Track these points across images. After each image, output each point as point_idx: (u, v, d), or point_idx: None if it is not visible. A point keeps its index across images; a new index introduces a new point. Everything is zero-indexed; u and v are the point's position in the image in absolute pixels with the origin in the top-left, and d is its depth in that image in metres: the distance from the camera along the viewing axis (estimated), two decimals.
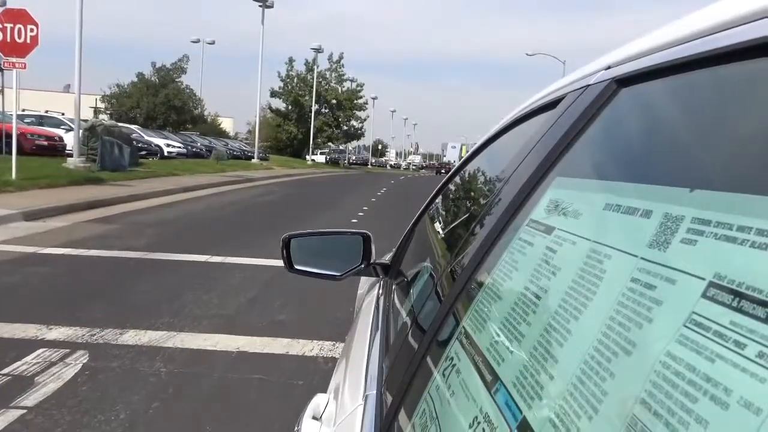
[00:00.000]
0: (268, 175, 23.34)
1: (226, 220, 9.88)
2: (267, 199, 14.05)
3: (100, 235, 7.30)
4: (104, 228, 7.90)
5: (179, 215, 9.95)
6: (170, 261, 6.09)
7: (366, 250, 1.58)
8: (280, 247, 1.58)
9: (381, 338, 1.20)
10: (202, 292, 4.94)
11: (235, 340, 3.80)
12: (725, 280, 0.33)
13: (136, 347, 3.57)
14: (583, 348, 0.43)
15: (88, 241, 6.83)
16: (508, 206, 0.73)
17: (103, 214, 9.10)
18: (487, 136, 1.38)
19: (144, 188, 12.46)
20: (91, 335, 3.72)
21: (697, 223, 0.38)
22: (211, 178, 17.47)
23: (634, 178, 0.52)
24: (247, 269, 5.88)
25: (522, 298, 0.58)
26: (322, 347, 3.78)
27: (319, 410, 1.09)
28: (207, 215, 10.35)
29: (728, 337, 0.31)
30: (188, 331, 3.93)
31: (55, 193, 10.22)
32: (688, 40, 0.50)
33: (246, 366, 3.41)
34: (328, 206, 13.14)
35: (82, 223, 8.19)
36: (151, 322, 4.03)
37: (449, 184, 1.64)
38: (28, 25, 10.67)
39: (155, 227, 8.25)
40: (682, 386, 0.32)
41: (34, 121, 20.20)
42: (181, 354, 3.53)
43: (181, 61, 39.03)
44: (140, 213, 9.71)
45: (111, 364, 3.31)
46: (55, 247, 6.41)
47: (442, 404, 0.64)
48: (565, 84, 0.84)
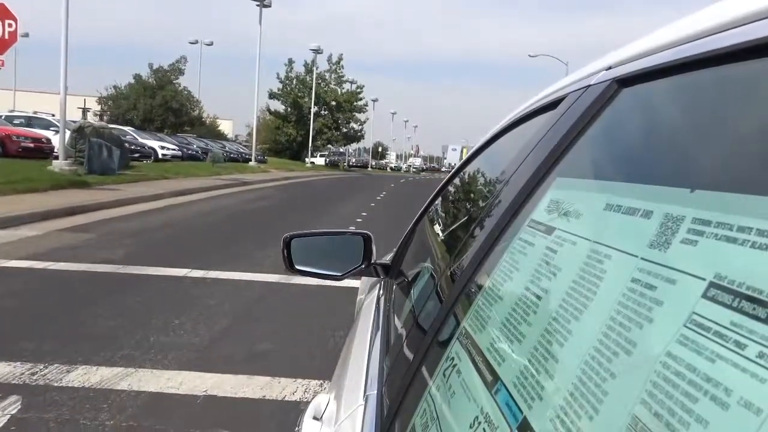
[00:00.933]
0: (264, 178, 22.63)
1: (214, 228, 9.20)
2: (260, 205, 13.18)
3: (71, 246, 6.67)
4: (78, 238, 7.25)
5: (164, 222, 9.29)
6: (144, 276, 5.42)
7: (367, 250, 1.59)
8: (281, 247, 1.58)
9: (381, 338, 1.21)
10: (175, 314, 4.32)
11: (203, 380, 3.20)
12: (725, 281, 0.33)
13: (83, 390, 2.98)
14: (584, 348, 0.43)
15: (57, 253, 6.18)
16: (508, 206, 0.74)
17: (82, 221, 8.54)
18: (487, 137, 1.39)
19: (131, 193, 11.94)
20: (31, 374, 3.13)
21: (697, 223, 0.38)
22: (204, 181, 16.90)
23: (635, 179, 0.52)
24: (232, 286, 5.32)
25: (522, 299, 0.58)
26: (307, 388, 3.17)
27: (319, 410, 1.10)
28: (194, 222, 9.71)
29: (728, 337, 0.31)
30: (149, 366, 3.34)
31: (34, 198, 9.72)
32: (689, 41, 0.50)
33: (212, 415, 2.82)
34: (324, 212, 12.46)
35: (56, 231, 7.58)
36: (107, 356, 3.45)
37: (450, 184, 1.65)
38: (6, 20, 9.84)
39: (135, 236, 7.71)
40: (683, 386, 0.32)
41: (23, 122, 19.85)
42: (135, 400, 2.93)
43: (178, 63, 38.77)
44: (122, 220, 9.09)
45: (46, 414, 2.70)
46: (18, 260, 5.73)
47: (443, 404, 0.64)
48: (565, 84, 0.85)
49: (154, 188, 13.46)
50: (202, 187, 15.43)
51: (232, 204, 13.01)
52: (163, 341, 3.79)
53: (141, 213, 10.16)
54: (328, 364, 3.08)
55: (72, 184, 11.93)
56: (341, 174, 39.70)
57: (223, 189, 16.21)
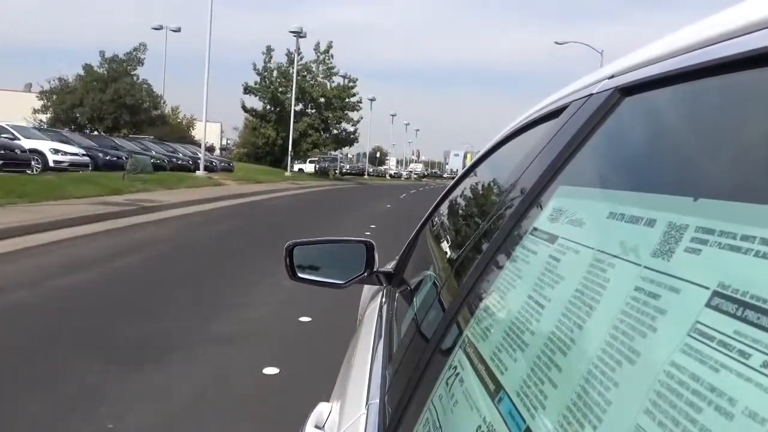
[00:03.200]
0: (199, 198, 14.52)
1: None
2: (83, 281, 5.68)
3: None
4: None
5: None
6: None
7: (369, 258, 1.59)
8: (284, 255, 1.58)
9: (384, 346, 1.20)
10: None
11: None
12: (729, 290, 0.33)
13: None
14: (587, 357, 0.43)
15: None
16: (511, 215, 0.74)
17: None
18: (490, 145, 1.40)
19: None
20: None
21: (701, 232, 0.38)
22: (63, 210, 9.81)
23: (638, 187, 0.52)
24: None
25: (525, 307, 0.58)
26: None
27: (321, 419, 1.09)
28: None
29: (733, 346, 0.31)
30: None
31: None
32: (692, 50, 0.50)
33: None
34: (240, 290, 5.53)
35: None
36: None
37: (453, 192, 1.66)
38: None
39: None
40: (687, 396, 0.32)
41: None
42: None
43: (137, 51, 31.22)
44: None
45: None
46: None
47: (446, 413, 0.64)
48: (568, 93, 0.85)
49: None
50: (33, 224, 8.31)
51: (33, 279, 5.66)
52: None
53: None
54: None
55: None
56: (328, 185, 32.34)
57: (82, 226, 9.01)
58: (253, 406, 3.05)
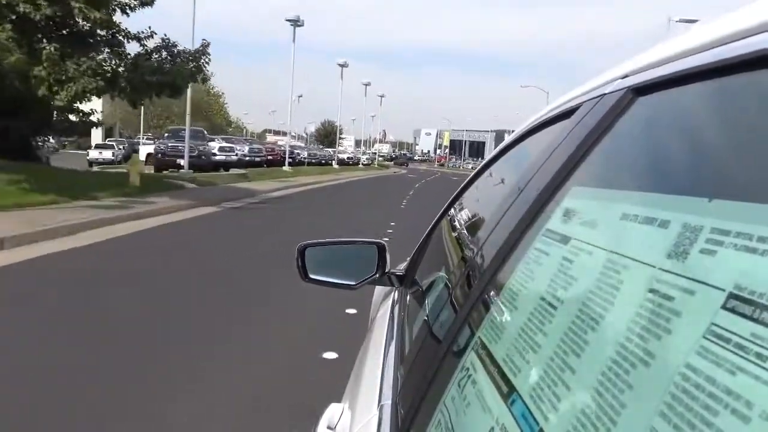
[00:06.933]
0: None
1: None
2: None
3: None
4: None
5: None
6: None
7: (381, 259, 1.59)
8: (295, 256, 1.59)
9: (396, 348, 1.21)
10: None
11: None
12: (746, 291, 0.32)
13: None
14: (601, 359, 0.42)
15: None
16: (524, 216, 0.74)
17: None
18: (502, 145, 1.40)
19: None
20: None
21: (716, 233, 0.37)
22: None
23: (652, 188, 0.52)
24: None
25: (538, 309, 0.57)
26: None
27: (333, 420, 1.10)
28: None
29: (749, 349, 0.30)
30: None
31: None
32: (705, 49, 0.49)
33: None
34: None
35: None
36: None
37: (464, 194, 1.66)
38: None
39: None
40: (702, 399, 0.31)
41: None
42: None
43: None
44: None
45: None
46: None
47: (458, 415, 0.64)
48: (580, 93, 0.85)
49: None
50: None
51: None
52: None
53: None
54: None
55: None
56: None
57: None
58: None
